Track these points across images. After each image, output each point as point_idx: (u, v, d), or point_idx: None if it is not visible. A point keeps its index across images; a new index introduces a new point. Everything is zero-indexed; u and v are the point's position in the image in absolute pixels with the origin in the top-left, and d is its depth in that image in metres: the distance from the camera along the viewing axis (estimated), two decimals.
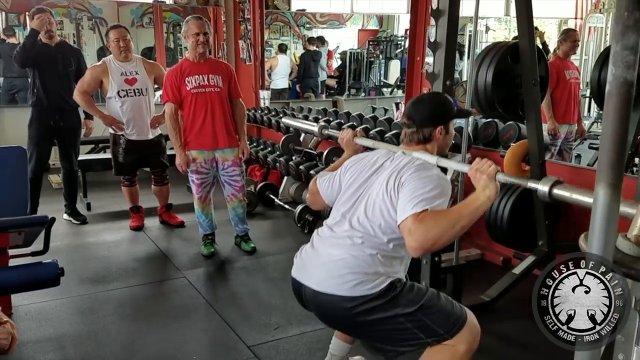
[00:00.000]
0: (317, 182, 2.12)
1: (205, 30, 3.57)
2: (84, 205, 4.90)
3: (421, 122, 1.92)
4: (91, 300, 3.16)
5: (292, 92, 8.58)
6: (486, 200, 1.66)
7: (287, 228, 4.49)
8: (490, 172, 1.66)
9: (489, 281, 3.16)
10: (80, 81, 4.15)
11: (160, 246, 4.08)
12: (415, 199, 1.68)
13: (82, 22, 6.87)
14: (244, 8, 6.70)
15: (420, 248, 1.65)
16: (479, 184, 1.67)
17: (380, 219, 1.78)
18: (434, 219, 1.63)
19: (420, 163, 1.83)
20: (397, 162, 1.88)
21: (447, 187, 1.77)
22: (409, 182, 1.75)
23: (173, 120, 3.59)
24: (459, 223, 1.63)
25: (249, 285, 3.40)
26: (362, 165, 1.97)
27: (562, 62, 4.51)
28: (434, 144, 1.93)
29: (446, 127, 1.94)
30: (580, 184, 3.29)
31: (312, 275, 1.85)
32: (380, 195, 1.80)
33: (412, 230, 1.64)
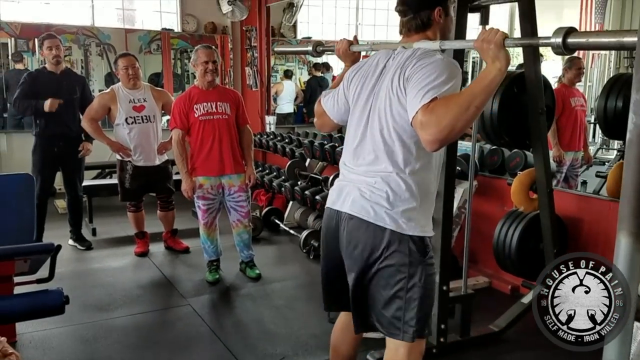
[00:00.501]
0: (321, 101, 2.02)
1: (214, 59, 3.62)
2: (90, 230, 4.90)
3: (417, 6, 1.78)
4: (95, 329, 3.13)
5: (298, 116, 8.63)
6: (498, 72, 1.53)
7: (293, 254, 4.47)
8: (497, 40, 1.53)
9: (497, 310, 3.12)
10: (89, 108, 4.18)
11: (165, 272, 4.06)
12: (422, 90, 1.57)
13: (91, 48, 6.94)
14: (250, 36, 6.79)
15: (435, 140, 1.54)
16: (488, 55, 1.55)
17: (395, 125, 1.69)
18: (445, 105, 1.53)
19: (422, 52, 1.70)
20: (398, 58, 1.75)
21: (454, 69, 1.64)
22: (413, 75, 1.64)
23: (180, 147, 3.62)
24: (473, 103, 1.51)
25: (254, 313, 3.37)
26: (364, 72, 1.86)
27: (568, 89, 4.53)
28: (435, 28, 1.79)
29: (445, 8, 1.80)
30: (589, 212, 3.30)
31: (348, 199, 1.79)
32: (389, 99, 1.71)
33: (423, 123, 1.54)
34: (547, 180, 3.03)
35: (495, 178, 3.96)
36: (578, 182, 4.76)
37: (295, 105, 8.63)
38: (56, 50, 4.20)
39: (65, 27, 6.70)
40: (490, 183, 3.89)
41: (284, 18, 7.99)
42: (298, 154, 5.14)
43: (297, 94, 8.70)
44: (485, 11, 2.71)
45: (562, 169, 4.54)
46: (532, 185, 3.21)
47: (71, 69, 4.68)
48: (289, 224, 5.03)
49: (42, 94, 4.17)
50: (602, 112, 3.27)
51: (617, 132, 3.49)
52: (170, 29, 7.26)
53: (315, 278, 3.88)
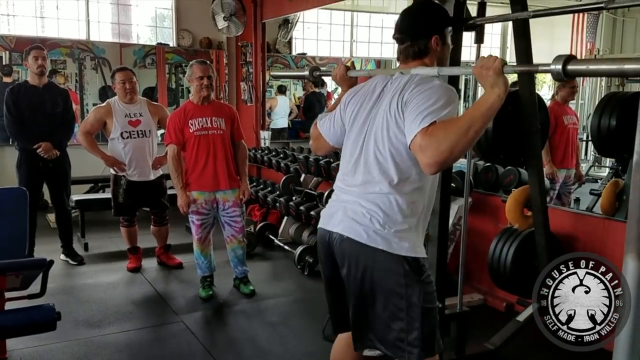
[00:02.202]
0: (317, 124, 2.02)
1: (209, 74, 3.62)
2: (82, 245, 4.86)
3: (414, 34, 1.80)
4: (87, 345, 3.09)
5: (292, 131, 8.65)
6: (496, 98, 1.53)
7: (287, 270, 4.44)
8: (496, 66, 1.53)
9: (492, 328, 3.11)
10: (84, 122, 4.18)
11: (157, 288, 4.02)
12: (421, 114, 1.59)
13: (85, 62, 6.94)
14: (246, 52, 6.82)
15: (434, 163, 1.55)
16: (487, 81, 1.55)
17: (392, 148, 1.70)
18: (444, 129, 1.53)
19: (420, 78, 1.72)
20: (396, 83, 1.76)
21: (452, 94, 1.65)
22: (411, 100, 1.65)
23: (175, 162, 3.61)
24: (472, 128, 1.52)
25: (248, 330, 3.34)
26: (362, 96, 1.87)
27: (561, 107, 4.56)
28: (432, 56, 1.80)
29: (442, 37, 1.81)
30: (583, 229, 3.30)
31: (341, 221, 1.78)
32: (386, 122, 1.71)
33: (423, 146, 1.55)
34: (542, 197, 3.04)
35: (490, 195, 3.97)
36: (571, 199, 4.78)
37: (290, 121, 8.66)
38: (41, 61, 4.17)
39: (60, 40, 6.71)
40: (485, 200, 3.90)
41: (279, 34, 8.04)
42: (293, 169, 5.14)
43: (292, 109, 8.73)
44: (480, 30, 2.73)
45: (555, 186, 4.56)
46: (527, 203, 3.21)
47: (54, 82, 4.67)
48: (284, 240, 5.01)
49: (25, 109, 4.14)
50: (595, 130, 3.30)
51: (611, 149, 3.52)
52: (166, 44, 7.28)
53: (310, 294, 3.88)
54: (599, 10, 8.11)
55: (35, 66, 4.17)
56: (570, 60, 1.45)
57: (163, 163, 4.32)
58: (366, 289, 1.76)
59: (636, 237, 0.94)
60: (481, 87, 1.62)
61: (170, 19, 7.42)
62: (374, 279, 1.74)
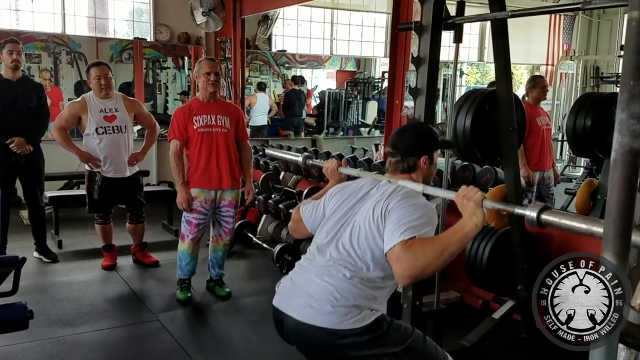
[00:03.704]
0: (300, 210, 2.08)
1: (217, 71, 3.59)
2: (56, 243, 4.77)
3: (406, 152, 1.92)
4: (60, 345, 3.04)
5: (272, 129, 8.62)
6: (474, 227, 1.64)
7: (266, 268, 4.42)
8: (477, 199, 1.64)
9: (468, 325, 3.13)
10: (58, 117, 4.09)
11: (133, 287, 3.96)
12: (403, 226, 1.67)
13: (61, 56, 6.82)
14: (225, 48, 6.77)
15: (408, 277, 1.64)
16: (466, 211, 1.65)
17: (366, 247, 1.75)
18: (422, 247, 1.62)
19: (406, 191, 1.82)
20: (383, 190, 1.86)
21: (433, 215, 1.75)
22: (396, 210, 1.73)
23: (178, 158, 3.55)
24: (447, 251, 1.61)
25: (226, 329, 3.31)
26: (348, 193, 1.95)
27: (533, 109, 4.50)
28: (419, 173, 1.92)
29: (431, 157, 1.94)
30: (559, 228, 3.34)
31: (295, 305, 1.79)
32: (367, 223, 1.77)
33: (400, 258, 1.63)
34: (518, 196, 3.08)
35: None
36: (553, 201, 4.79)
37: (270, 118, 8.63)
38: (16, 55, 4.09)
39: (36, 34, 6.58)
40: None
41: (259, 31, 8.01)
42: (272, 167, 5.12)
43: (272, 107, 8.70)
44: (459, 29, 2.75)
45: (532, 189, 4.56)
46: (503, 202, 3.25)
47: (28, 77, 4.58)
48: (262, 238, 4.99)
49: None
50: (571, 131, 3.36)
51: (586, 150, 3.58)
52: (143, 39, 7.19)
53: None
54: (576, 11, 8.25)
55: (9, 60, 4.08)
56: (545, 210, 1.54)
57: (139, 159, 4.27)
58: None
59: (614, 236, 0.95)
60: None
61: (148, 13, 7.33)
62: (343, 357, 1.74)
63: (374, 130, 9.30)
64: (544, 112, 4.73)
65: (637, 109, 0.91)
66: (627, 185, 0.92)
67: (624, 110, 0.92)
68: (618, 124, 0.92)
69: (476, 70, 11.33)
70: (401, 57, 4.42)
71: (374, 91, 9.83)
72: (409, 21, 3.97)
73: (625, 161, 0.92)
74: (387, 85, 5.17)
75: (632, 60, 0.92)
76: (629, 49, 0.93)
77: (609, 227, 0.94)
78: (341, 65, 10.18)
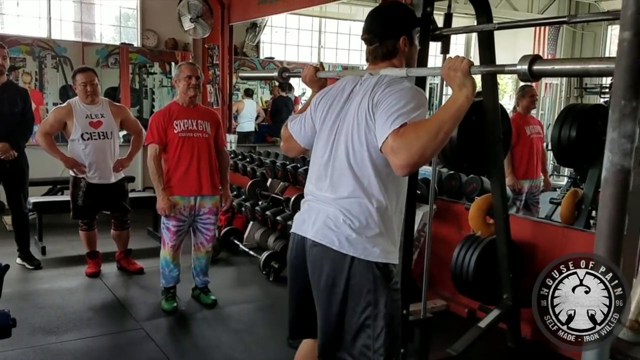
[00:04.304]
0: (288, 125, 2.02)
1: (197, 75, 3.54)
2: (39, 249, 4.71)
3: (383, 35, 1.82)
4: (43, 353, 2.99)
5: (259, 135, 8.60)
6: (465, 99, 1.56)
7: (252, 276, 4.40)
8: (463, 67, 1.57)
9: (454, 334, 3.14)
10: (43, 122, 4.05)
11: (117, 294, 3.92)
12: (392, 115, 1.60)
13: (46, 60, 6.75)
14: (212, 54, 6.76)
15: (407, 165, 1.56)
16: (455, 82, 1.58)
17: (363, 149, 1.70)
18: (415, 131, 1.55)
19: (390, 79, 1.73)
20: (365, 84, 1.78)
21: (422, 97, 1.68)
22: (382, 101, 1.66)
23: (156, 162, 3.48)
24: (442, 129, 1.54)
25: (211, 337, 3.29)
26: (332, 97, 1.88)
27: (523, 118, 4.57)
28: (400, 57, 1.83)
29: (410, 37, 1.84)
30: (543, 237, 3.39)
31: (313, 226, 1.78)
32: (356, 122, 1.72)
33: (394, 148, 1.57)
34: (504, 205, 3.10)
35: (454, 202, 4.03)
36: (539, 209, 4.82)
37: (257, 124, 8.61)
38: (1, 60, 4.05)
39: (20, 38, 6.52)
40: (449, 207, 3.95)
41: (247, 38, 8.01)
42: (259, 174, 5.11)
43: (259, 113, 8.69)
44: (446, 40, 2.77)
45: (520, 197, 4.60)
46: (489, 211, 3.28)
47: (12, 81, 4.53)
48: (249, 245, 4.96)
49: None
50: (556, 141, 3.40)
51: (570, 160, 3.63)
52: (130, 44, 7.15)
53: (275, 301, 3.85)
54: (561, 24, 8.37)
55: None
56: (536, 60, 1.48)
57: (125, 165, 4.23)
58: (334, 295, 1.76)
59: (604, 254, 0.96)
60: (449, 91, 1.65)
61: (135, 18, 7.30)
62: (343, 285, 1.73)
63: None
64: (535, 120, 4.77)
65: (627, 128, 0.91)
66: (617, 204, 0.93)
67: (615, 128, 0.93)
68: (609, 143, 0.93)
69: None
70: None
71: None
72: None
73: (615, 180, 0.93)
74: None
75: (624, 79, 0.93)
76: (620, 68, 0.94)
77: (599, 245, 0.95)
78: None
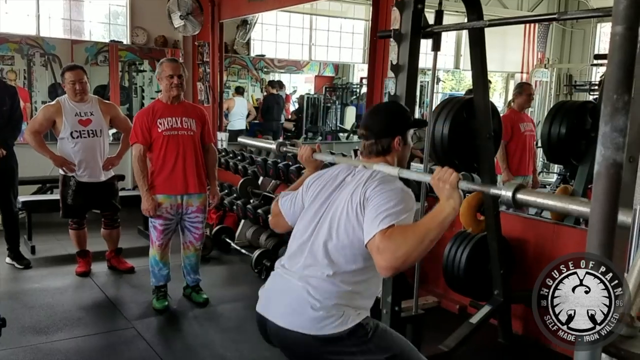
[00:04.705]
0: (279, 202, 2.04)
1: (180, 73, 3.50)
2: (28, 248, 4.67)
3: (378, 133, 1.88)
4: (33, 353, 2.97)
5: (250, 133, 8.58)
6: (451, 210, 1.60)
7: (244, 274, 4.39)
8: (452, 180, 1.61)
9: (446, 330, 3.15)
10: (32, 121, 4.02)
11: (108, 294, 3.90)
12: (381, 214, 1.63)
13: (35, 58, 6.69)
14: (203, 51, 6.73)
15: (390, 267, 1.58)
16: (442, 193, 1.62)
17: (346, 240, 1.72)
18: (402, 234, 1.59)
19: (382, 176, 1.78)
20: (358, 176, 1.82)
21: (411, 200, 1.72)
22: (373, 198, 1.69)
23: (141, 163, 3.44)
24: (427, 237, 1.57)
25: (203, 336, 3.28)
26: (324, 181, 1.91)
27: (517, 115, 4.63)
28: (394, 155, 1.89)
29: (404, 137, 1.90)
30: (534, 234, 3.40)
31: (276, 309, 1.77)
32: (345, 212, 1.74)
33: (380, 248, 1.59)
34: (494, 202, 3.12)
35: None
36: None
37: (248, 122, 8.59)
38: None
39: (9, 35, 6.45)
40: None
41: (237, 35, 7.98)
42: (251, 172, 5.09)
43: (250, 111, 8.67)
44: (437, 37, 2.78)
45: None
46: (480, 207, 3.29)
47: (0, 79, 4.48)
48: (240, 243, 4.95)
49: None
50: (545, 138, 3.42)
51: (560, 156, 3.65)
52: (119, 41, 7.10)
53: None
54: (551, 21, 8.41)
55: None
56: (520, 189, 1.50)
57: (115, 164, 4.21)
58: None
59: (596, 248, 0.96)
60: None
61: (124, 16, 7.24)
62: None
63: (352, 136, 9.33)
64: (529, 118, 4.83)
65: (619, 122, 0.92)
66: (609, 198, 0.93)
67: (607, 123, 0.93)
68: (601, 137, 0.93)
69: (452, 77, 11.45)
70: (379, 63, 4.45)
71: (352, 96, 9.88)
72: (388, 28, 4.00)
73: (607, 174, 0.93)
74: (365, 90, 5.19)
75: (616, 74, 0.93)
76: (612, 63, 0.94)
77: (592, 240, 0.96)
78: (319, 71, 10.20)
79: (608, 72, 0.94)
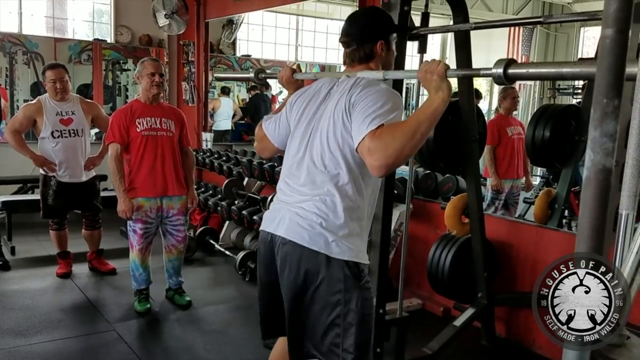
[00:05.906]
0: (262, 125, 2.01)
1: (161, 72, 3.45)
2: (8, 249, 4.58)
3: (360, 38, 1.83)
4: (12, 355, 2.91)
5: (235, 134, 8.54)
6: (441, 102, 1.58)
7: (228, 276, 4.35)
8: (440, 70, 1.58)
9: (430, 332, 3.15)
10: (12, 120, 3.95)
11: (88, 295, 3.84)
12: (369, 117, 1.60)
13: (17, 56, 6.58)
14: (188, 51, 6.68)
15: (382, 166, 1.57)
16: (431, 85, 1.60)
17: (338, 151, 1.70)
18: (392, 132, 1.56)
19: (367, 81, 1.73)
20: (343, 85, 1.78)
21: (398, 99, 1.69)
22: (359, 102, 1.66)
23: (118, 163, 3.37)
24: (418, 131, 1.55)
25: (185, 338, 3.24)
26: (308, 97, 1.87)
27: (504, 119, 4.65)
28: (377, 61, 1.84)
29: (387, 42, 1.85)
30: (517, 236, 3.42)
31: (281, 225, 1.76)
32: (332, 123, 1.72)
33: (371, 149, 1.56)
34: (479, 205, 3.12)
35: (430, 202, 4.05)
36: (518, 209, 4.88)
37: (233, 123, 8.54)
38: None
39: None
40: (425, 206, 3.97)
41: (223, 34, 7.92)
42: (236, 173, 5.06)
43: (235, 111, 8.62)
44: (423, 40, 2.77)
45: (500, 197, 4.66)
46: (465, 210, 3.29)
47: None
48: (225, 245, 4.91)
49: None
50: (529, 141, 3.43)
51: (544, 160, 3.67)
52: (103, 40, 7.02)
53: (251, 301, 3.81)
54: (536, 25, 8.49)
55: None
56: (511, 64, 1.50)
57: (96, 164, 4.15)
58: (305, 293, 1.74)
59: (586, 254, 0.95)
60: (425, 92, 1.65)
61: (108, 14, 7.16)
62: (312, 283, 1.71)
63: None
64: (516, 121, 4.84)
65: (609, 127, 0.91)
66: (598, 204, 0.93)
67: (597, 127, 0.92)
68: (591, 142, 0.92)
69: None
70: None
71: None
72: None
73: (597, 179, 0.92)
74: None
75: (606, 78, 0.92)
76: (602, 67, 0.93)
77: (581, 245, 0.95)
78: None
79: (598, 76, 0.93)
